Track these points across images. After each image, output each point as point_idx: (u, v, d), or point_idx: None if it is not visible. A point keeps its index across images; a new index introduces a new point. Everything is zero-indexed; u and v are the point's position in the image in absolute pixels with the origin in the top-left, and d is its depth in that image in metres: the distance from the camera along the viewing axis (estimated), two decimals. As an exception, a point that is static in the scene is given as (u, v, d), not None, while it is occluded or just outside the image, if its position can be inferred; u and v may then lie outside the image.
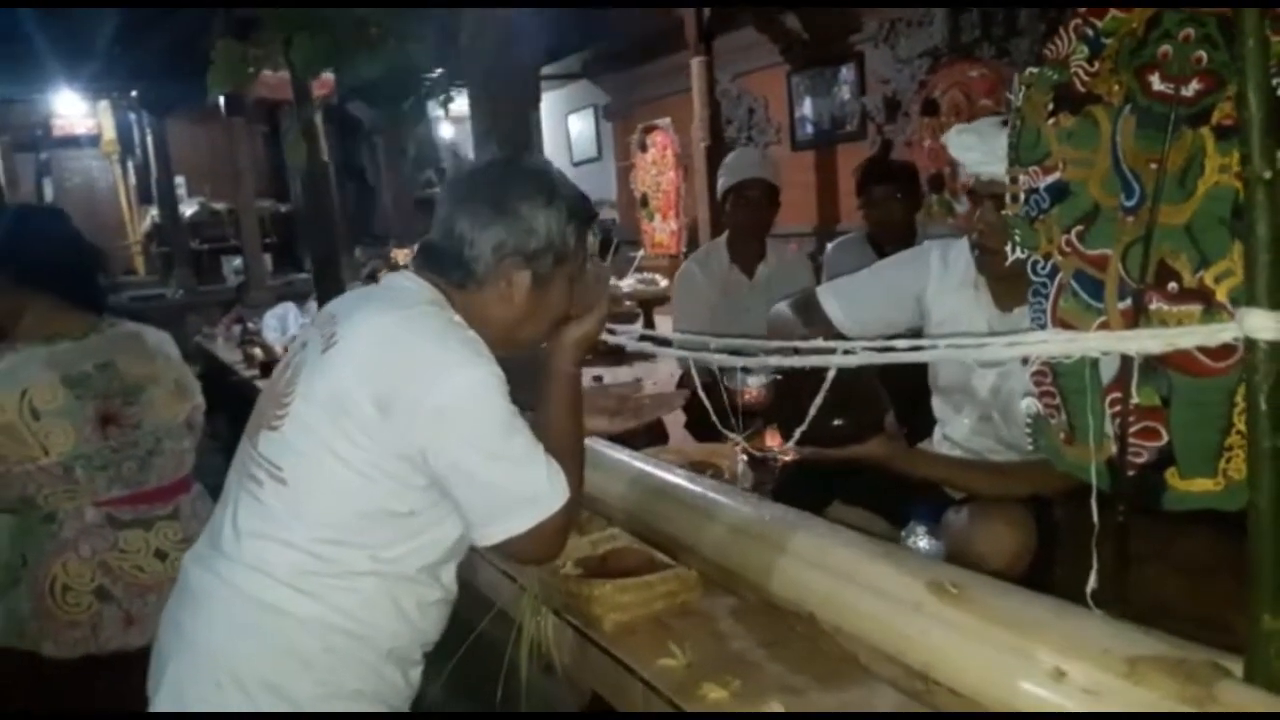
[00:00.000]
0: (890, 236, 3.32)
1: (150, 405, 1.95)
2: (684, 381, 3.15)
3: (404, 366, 1.26)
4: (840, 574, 1.40)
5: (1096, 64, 1.08)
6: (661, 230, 7.29)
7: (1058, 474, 1.71)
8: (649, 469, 2.02)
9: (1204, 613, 1.41)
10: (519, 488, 1.28)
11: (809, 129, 7.36)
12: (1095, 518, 1.07)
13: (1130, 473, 1.07)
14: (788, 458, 2.64)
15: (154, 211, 11.63)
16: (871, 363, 1.35)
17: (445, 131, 10.77)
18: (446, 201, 1.41)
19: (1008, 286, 1.83)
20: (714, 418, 2.09)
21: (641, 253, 7.55)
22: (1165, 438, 1.05)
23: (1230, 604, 1.43)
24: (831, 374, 1.46)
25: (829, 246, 4.01)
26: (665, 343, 1.79)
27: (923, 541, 1.67)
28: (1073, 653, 1.07)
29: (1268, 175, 0.87)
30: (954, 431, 2.01)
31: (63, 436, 1.85)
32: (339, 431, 1.26)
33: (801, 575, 1.46)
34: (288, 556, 1.28)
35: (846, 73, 6.92)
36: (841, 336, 2.11)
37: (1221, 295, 0.98)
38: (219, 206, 11.67)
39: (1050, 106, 1.12)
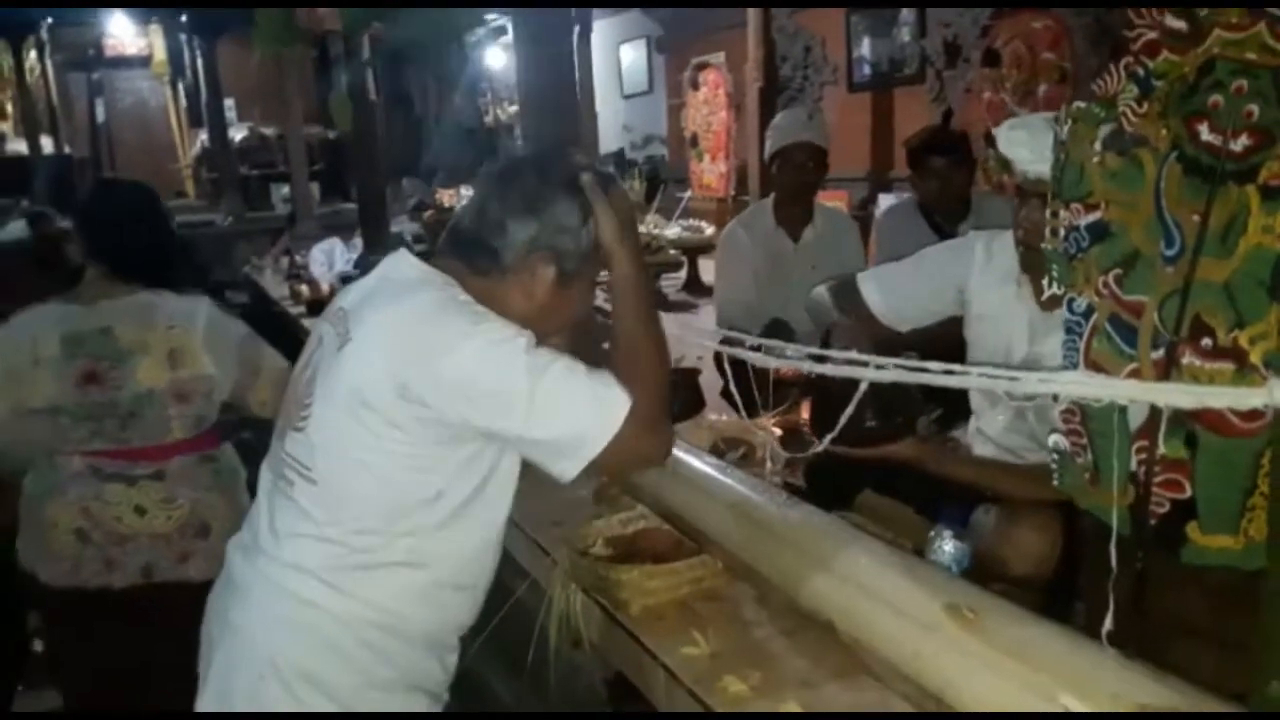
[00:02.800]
0: (943, 207, 3.27)
1: (134, 372, 2.08)
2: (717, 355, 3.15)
3: (417, 349, 1.28)
4: (860, 586, 1.41)
5: (1145, 105, 1.05)
6: (710, 172, 7.20)
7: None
8: (677, 454, 2.03)
9: (1228, 635, 1.41)
10: (569, 421, 1.29)
11: (866, 70, 7.18)
12: (1114, 562, 1.07)
13: (1152, 521, 1.07)
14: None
15: (204, 135, 11.68)
16: (902, 380, 1.35)
17: (496, 60, 10.64)
18: (483, 189, 1.43)
19: None
20: (756, 393, 2.11)
21: (689, 194, 7.47)
22: (1189, 491, 1.05)
23: (1250, 622, 1.43)
24: (864, 386, 1.46)
25: (879, 213, 3.95)
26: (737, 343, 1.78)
27: (948, 545, 1.68)
28: (1083, 694, 1.08)
29: (1310, 248, 0.85)
30: (988, 426, 2.01)
31: (46, 386, 2.05)
32: (362, 426, 1.30)
33: (822, 583, 1.48)
34: (323, 551, 1.34)
35: (907, 14, 6.71)
36: (877, 324, 2.11)
37: (1255, 357, 0.97)
38: (268, 131, 11.66)
39: (1096, 144, 1.10)
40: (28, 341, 2.06)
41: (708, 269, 6.16)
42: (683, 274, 6.02)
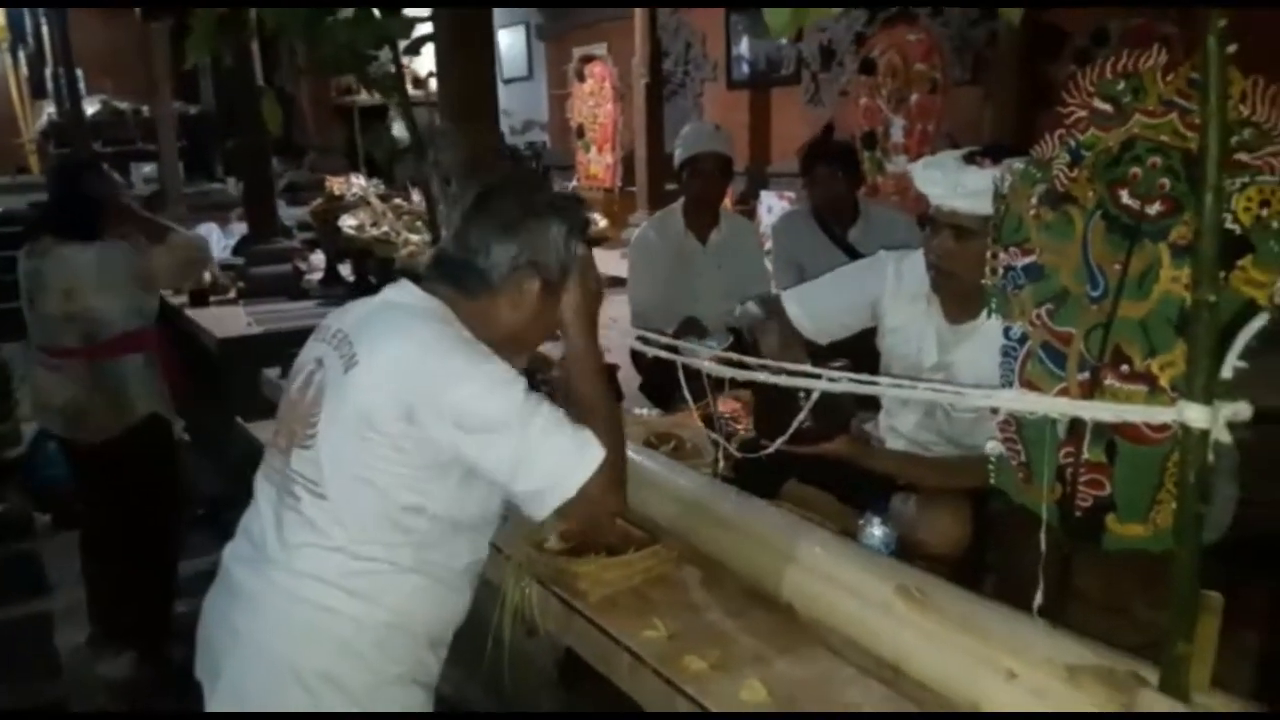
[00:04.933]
0: (834, 212, 3.51)
1: (46, 301, 3.18)
2: (636, 350, 3.31)
3: (424, 379, 1.39)
4: (818, 573, 1.61)
5: (1075, 171, 1.26)
6: (597, 163, 7.32)
7: (995, 469, 1.96)
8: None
9: (1113, 601, 1.66)
10: (550, 464, 1.40)
11: (745, 69, 7.42)
12: (1043, 547, 1.29)
13: (1077, 514, 1.30)
14: (741, 425, 2.85)
15: (50, 108, 10.97)
16: (852, 391, 1.55)
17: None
18: (463, 216, 1.54)
19: (959, 303, 2.05)
20: (686, 386, 2.27)
21: (574, 183, 7.58)
22: (1108, 489, 1.27)
23: (1134, 594, 1.70)
24: (815, 395, 1.65)
25: (774, 219, 4.18)
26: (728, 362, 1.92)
27: (877, 530, 1.90)
28: (1022, 658, 1.30)
29: (1211, 299, 1.08)
30: (900, 424, 2.24)
31: (23, 302, 3.28)
32: (368, 447, 1.40)
33: (782, 570, 1.67)
34: (337, 561, 1.43)
35: (784, 16, 6.97)
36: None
37: (1164, 381, 1.20)
38: (123, 106, 11.03)
39: (1033, 199, 1.31)
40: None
41: (601, 261, 6.27)
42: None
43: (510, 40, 10.27)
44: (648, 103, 6.79)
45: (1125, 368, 1.24)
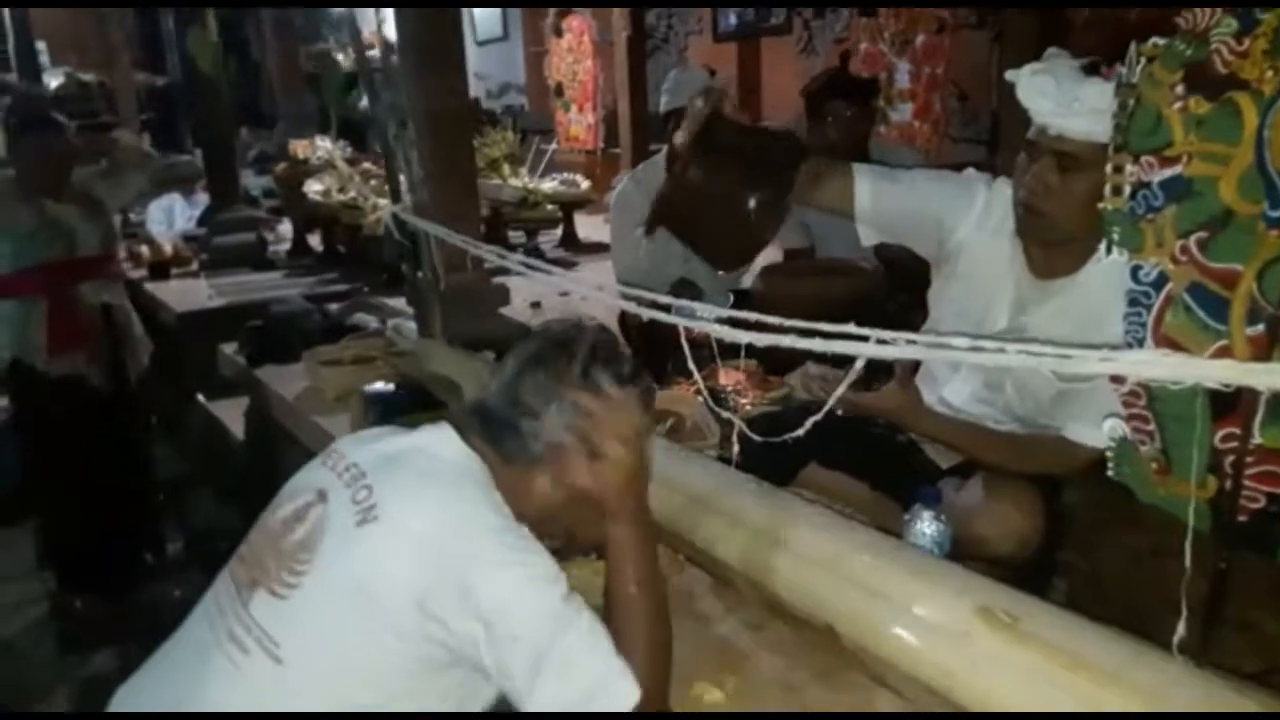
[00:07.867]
0: (846, 154, 3.14)
1: None
2: (625, 316, 2.96)
3: (451, 562, 1.12)
4: (868, 588, 1.26)
5: (1246, 42, 0.91)
6: (578, 123, 6.90)
7: (1076, 455, 1.61)
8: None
9: (1229, 614, 1.33)
10: (569, 694, 1.11)
11: (732, 19, 7.03)
12: (1188, 562, 0.95)
13: (1242, 517, 0.95)
14: (746, 400, 2.50)
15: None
16: (916, 357, 1.20)
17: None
18: (515, 364, 1.29)
19: (1048, 254, 1.67)
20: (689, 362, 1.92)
21: (555, 146, 7.17)
22: (1292, 485, 0.93)
23: (1257, 604, 1.37)
24: (860, 364, 1.30)
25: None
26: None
27: (929, 527, 1.55)
28: (1168, 709, 0.96)
29: None
30: (952, 395, 1.85)
31: None
32: (362, 626, 1.12)
33: (819, 584, 1.32)
34: None
35: (775, -38, 6.59)
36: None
37: (1385, 333, 0.85)
38: (88, 78, 10.66)
39: (1179, 88, 0.95)
40: None
41: (583, 225, 5.96)
42: (558, 231, 5.80)
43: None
44: (630, 58, 6.37)
45: (1323, 315, 0.89)
